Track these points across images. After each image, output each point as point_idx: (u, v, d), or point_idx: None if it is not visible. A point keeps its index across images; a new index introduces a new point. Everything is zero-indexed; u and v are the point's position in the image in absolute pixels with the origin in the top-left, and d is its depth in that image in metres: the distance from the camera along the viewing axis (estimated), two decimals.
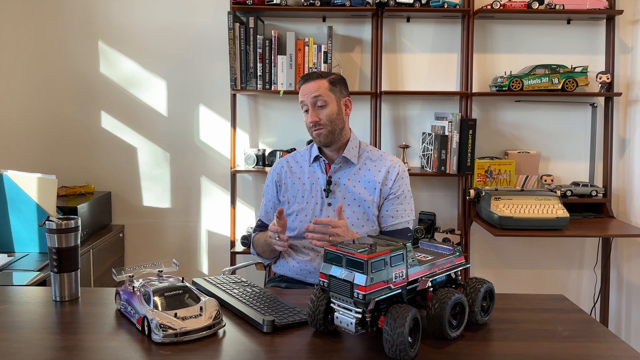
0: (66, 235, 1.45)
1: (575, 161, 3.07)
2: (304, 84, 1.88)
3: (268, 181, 2.04)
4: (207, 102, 3.04)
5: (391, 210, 1.90)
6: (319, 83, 1.86)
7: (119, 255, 3.01)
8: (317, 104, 1.85)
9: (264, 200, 2.06)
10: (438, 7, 2.80)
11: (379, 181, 1.90)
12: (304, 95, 1.87)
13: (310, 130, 1.89)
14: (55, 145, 3.04)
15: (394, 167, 1.92)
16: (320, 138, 1.88)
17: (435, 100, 3.05)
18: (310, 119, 1.85)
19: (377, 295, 1.12)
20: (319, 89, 1.85)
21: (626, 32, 2.98)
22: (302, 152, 2.04)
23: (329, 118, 1.86)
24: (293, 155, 2.04)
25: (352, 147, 1.93)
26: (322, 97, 1.85)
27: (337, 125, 1.88)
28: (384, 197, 1.90)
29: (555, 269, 3.13)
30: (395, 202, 1.90)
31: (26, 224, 2.29)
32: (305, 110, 1.89)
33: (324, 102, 1.85)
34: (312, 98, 1.85)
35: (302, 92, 1.88)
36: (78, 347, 1.19)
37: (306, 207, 1.91)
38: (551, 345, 1.22)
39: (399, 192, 1.91)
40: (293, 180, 1.96)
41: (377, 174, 1.91)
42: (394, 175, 1.91)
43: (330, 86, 1.87)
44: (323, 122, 1.85)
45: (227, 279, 1.61)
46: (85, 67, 3.01)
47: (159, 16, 2.99)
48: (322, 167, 1.94)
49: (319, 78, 1.88)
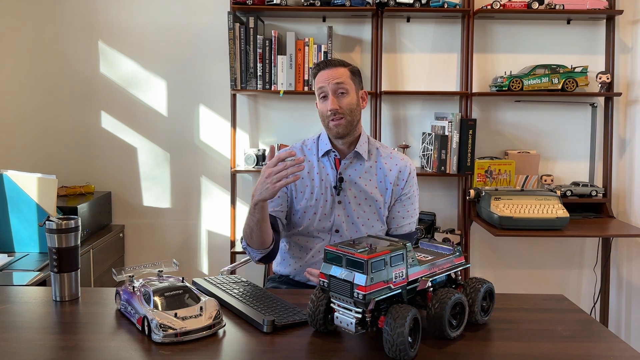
0: (66, 235, 1.45)
1: (575, 161, 3.07)
2: (323, 70, 1.78)
3: None
4: (207, 102, 3.04)
5: (402, 211, 1.86)
6: (341, 70, 1.77)
7: (119, 255, 3.01)
8: (338, 91, 1.75)
9: None
10: (438, 7, 2.80)
11: (390, 181, 1.83)
12: (324, 81, 1.76)
13: (327, 120, 1.77)
14: (55, 145, 3.04)
15: (405, 167, 1.85)
16: (339, 129, 1.76)
17: (435, 100, 3.05)
18: (331, 106, 1.73)
19: (377, 295, 1.12)
20: (341, 76, 1.76)
21: (626, 32, 2.98)
22: (308, 144, 1.91)
23: (349, 107, 1.76)
24: (300, 148, 1.90)
25: (363, 142, 1.84)
26: (344, 85, 1.75)
27: (355, 116, 1.79)
28: (396, 197, 1.85)
29: (555, 269, 3.13)
30: (407, 203, 1.86)
31: (26, 224, 2.29)
32: (323, 96, 1.77)
33: (345, 90, 1.75)
34: (334, 84, 1.75)
35: (321, 77, 1.77)
36: (78, 347, 1.19)
37: (315, 204, 1.82)
38: (551, 345, 1.22)
39: (410, 193, 1.86)
40: (302, 175, 1.84)
41: (388, 173, 1.84)
42: (405, 176, 1.85)
43: (351, 75, 1.79)
44: (343, 111, 1.75)
45: (227, 279, 1.61)
46: (85, 67, 3.01)
47: (159, 16, 2.99)
48: (332, 162, 1.84)
49: (340, 65, 1.78)
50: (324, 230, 1.83)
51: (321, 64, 1.80)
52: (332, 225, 1.82)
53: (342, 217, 1.82)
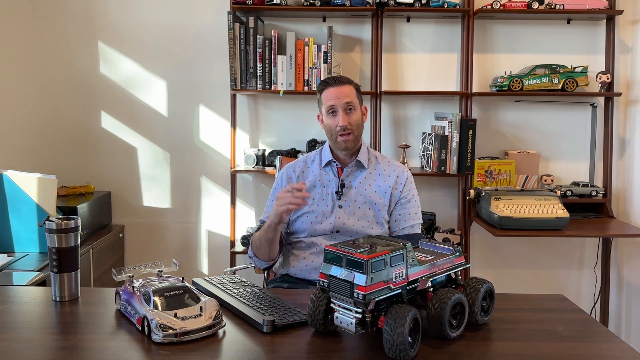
0: (66, 235, 1.45)
1: (575, 161, 3.07)
2: (334, 87, 1.87)
3: (278, 184, 2.02)
4: (207, 102, 3.04)
5: (403, 214, 1.94)
6: (349, 88, 1.88)
7: (119, 255, 3.01)
8: (347, 108, 1.86)
9: (272, 205, 1.94)
10: (438, 7, 2.80)
11: (389, 185, 1.93)
12: (336, 99, 1.86)
13: (335, 135, 1.88)
14: (55, 145, 3.04)
15: (402, 172, 1.97)
16: (348, 144, 1.87)
17: (435, 100, 3.05)
18: (342, 123, 1.84)
19: (377, 295, 1.12)
20: (350, 94, 1.87)
21: (626, 32, 2.98)
22: (311, 156, 2.03)
23: (357, 123, 1.88)
24: (304, 160, 2.03)
25: (363, 152, 1.96)
26: (353, 103, 1.87)
27: (360, 131, 1.91)
28: (395, 201, 1.93)
29: (555, 268, 3.13)
30: (407, 206, 1.94)
31: (26, 224, 2.29)
32: (332, 112, 1.87)
33: (353, 107, 1.87)
34: (345, 103, 1.85)
35: (333, 95, 1.87)
36: (78, 347, 1.19)
37: (317, 209, 1.91)
38: (551, 345, 1.22)
39: (409, 196, 1.95)
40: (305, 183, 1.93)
41: (387, 179, 1.94)
42: (403, 180, 1.95)
43: (356, 92, 1.91)
44: (352, 128, 1.86)
45: (227, 279, 1.61)
46: (85, 67, 3.01)
47: (159, 16, 2.99)
48: (334, 170, 1.95)
49: (347, 83, 1.89)
50: (325, 231, 1.90)
51: (329, 81, 1.90)
52: (333, 227, 1.89)
53: (343, 219, 1.90)
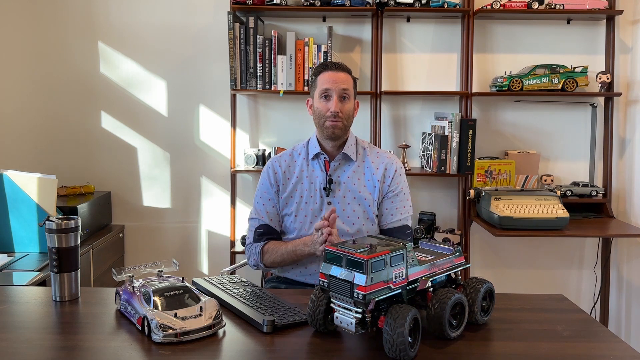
0: (66, 235, 1.45)
1: (575, 161, 3.07)
2: (332, 71, 1.85)
3: (263, 184, 1.94)
4: (207, 102, 3.04)
5: (390, 208, 1.90)
6: (348, 77, 1.86)
7: (119, 255, 3.01)
8: (342, 95, 1.84)
9: (261, 202, 1.92)
10: (438, 7, 2.80)
11: (377, 179, 1.89)
12: (333, 83, 1.83)
13: (324, 119, 1.83)
14: (55, 145, 3.04)
15: (391, 164, 1.91)
16: (335, 130, 1.83)
17: (435, 100, 3.05)
18: (334, 108, 1.81)
19: (377, 295, 1.12)
20: (347, 82, 1.85)
21: (626, 32, 2.98)
22: (298, 149, 1.97)
23: (348, 113, 1.85)
24: (290, 154, 1.96)
25: (350, 144, 1.91)
26: (348, 91, 1.85)
27: (350, 122, 1.88)
28: (383, 194, 1.90)
29: (555, 269, 3.13)
30: (395, 200, 1.90)
31: (26, 224, 2.29)
32: (325, 96, 1.84)
33: (347, 96, 1.85)
34: (341, 90, 1.83)
35: (328, 78, 1.84)
36: (78, 347, 1.19)
37: (305, 207, 1.88)
38: (551, 345, 1.22)
39: (397, 190, 1.90)
40: (291, 180, 1.91)
41: (375, 172, 1.90)
42: (391, 173, 1.90)
43: (353, 83, 1.89)
44: (342, 116, 1.83)
45: (227, 279, 1.61)
46: (85, 67, 3.01)
47: (159, 16, 2.99)
48: (321, 164, 1.90)
49: (346, 71, 1.87)
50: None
51: (329, 65, 1.87)
52: None
53: None
